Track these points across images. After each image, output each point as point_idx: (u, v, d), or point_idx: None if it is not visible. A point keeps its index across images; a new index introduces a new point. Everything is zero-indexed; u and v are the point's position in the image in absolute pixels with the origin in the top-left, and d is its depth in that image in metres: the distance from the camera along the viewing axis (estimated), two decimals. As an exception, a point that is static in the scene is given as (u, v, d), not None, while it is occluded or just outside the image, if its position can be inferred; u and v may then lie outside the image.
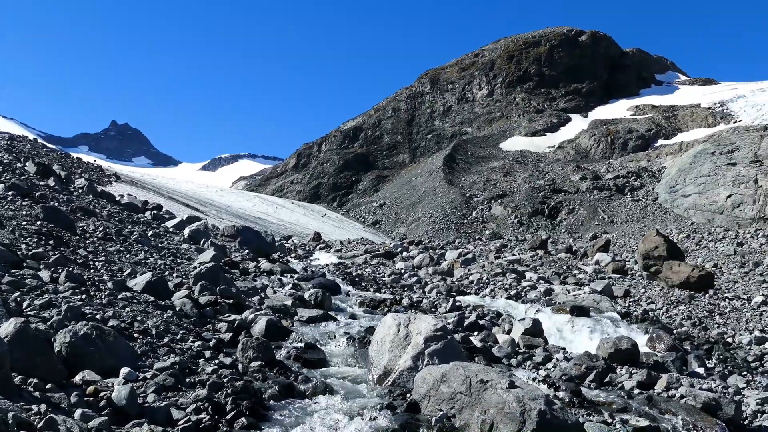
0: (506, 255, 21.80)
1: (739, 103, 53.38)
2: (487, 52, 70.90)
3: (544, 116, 59.94)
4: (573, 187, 42.69)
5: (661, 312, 14.47)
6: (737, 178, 37.73)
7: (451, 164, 49.18)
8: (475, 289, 14.69)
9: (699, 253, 25.79)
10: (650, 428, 5.66)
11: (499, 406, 4.77)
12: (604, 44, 70.08)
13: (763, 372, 9.57)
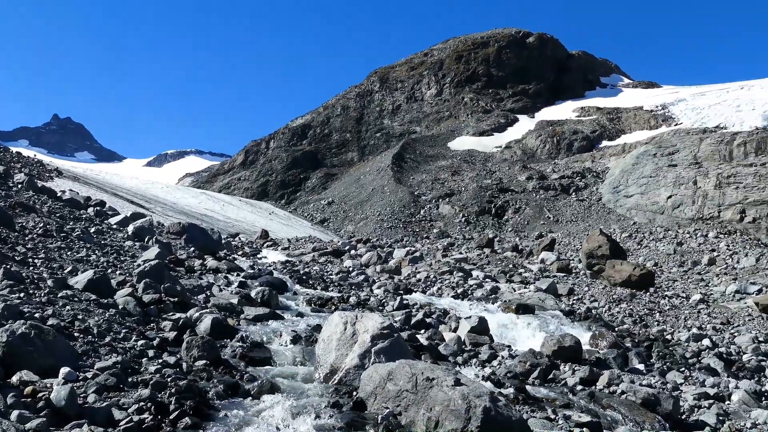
0: (453, 253, 21.96)
1: (679, 106, 54.73)
2: (437, 52, 71.28)
3: (492, 116, 60.54)
4: (519, 187, 43.23)
5: (604, 310, 14.76)
6: (677, 179, 38.72)
7: (400, 163, 49.32)
8: (422, 287, 14.76)
9: (640, 253, 26.39)
10: (592, 423, 5.77)
11: (445, 403, 4.80)
12: (551, 46, 71.11)
13: (700, 368, 9.83)
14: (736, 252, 25.15)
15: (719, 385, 8.68)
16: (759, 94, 51.18)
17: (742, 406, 7.81)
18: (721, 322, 14.73)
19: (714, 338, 12.69)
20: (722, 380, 9.04)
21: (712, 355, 10.74)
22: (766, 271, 21.44)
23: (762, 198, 35.39)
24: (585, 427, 5.69)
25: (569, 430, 5.66)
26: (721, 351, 11.47)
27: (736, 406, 7.82)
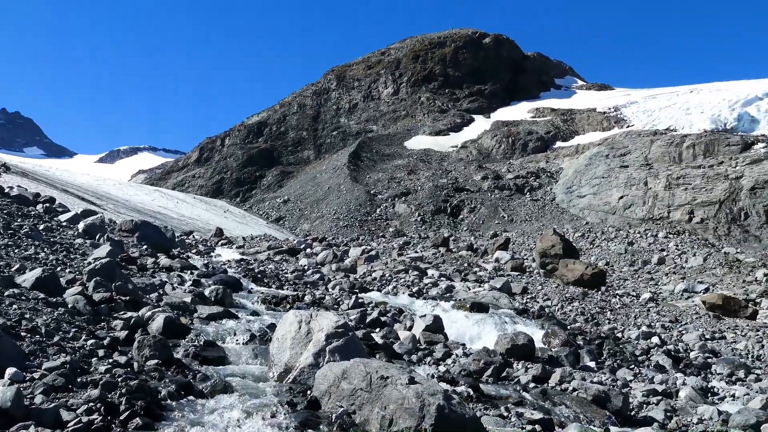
0: (409, 252, 22.04)
1: (631, 108, 55.73)
2: (394, 51, 71.42)
3: (448, 116, 60.89)
4: (475, 186, 43.56)
5: (557, 308, 14.96)
6: (629, 180, 39.42)
7: (356, 161, 49.31)
8: (377, 285, 14.77)
9: (593, 252, 26.82)
10: (543, 420, 5.84)
11: (399, 401, 4.81)
12: (506, 47, 71.79)
13: (649, 365, 10.04)
14: (684, 252, 25.73)
15: (667, 382, 8.88)
16: (707, 97, 52.40)
17: (689, 402, 7.99)
18: (670, 320, 15.06)
19: (663, 336, 12.96)
20: (670, 377, 9.24)
21: (661, 353, 10.97)
22: (713, 270, 21.98)
23: (710, 199, 36.23)
24: (537, 424, 5.76)
25: (522, 428, 5.72)
26: (670, 348, 11.73)
27: (683, 402, 8.00)
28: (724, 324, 15.11)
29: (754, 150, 41.20)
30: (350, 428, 4.89)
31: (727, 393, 8.85)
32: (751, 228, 34.63)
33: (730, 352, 12.54)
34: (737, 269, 22.04)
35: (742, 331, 14.49)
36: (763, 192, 36.15)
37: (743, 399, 8.52)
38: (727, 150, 41.49)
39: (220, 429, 4.72)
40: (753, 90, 50.73)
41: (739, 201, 35.92)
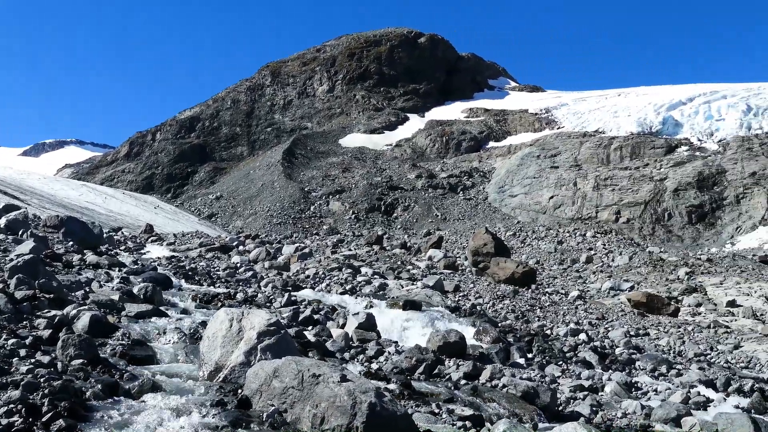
0: (343, 250, 22.00)
1: (562, 110, 57.00)
2: (329, 48, 71.24)
3: (383, 114, 61.09)
4: (409, 185, 43.82)
5: (488, 306, 15.16)
6: (559, 180, 40.29)
7: (290, 158, 49.00)
8: (311, 283, 14.70)
9: (524, 251, 27.28)
10: (474, 417, 5.90)
11: (331, 399, 4.80)
12: (441, 47, 72.44)
13: (576, 361, 10.27)
14: (611, 251, 26.40)
15: (593, 378, 9.09)
16: (634, 101, 53.97)
17: (614, 396, 8.20)
18: (597, 317, 15.44)
19: (590, 333, 13.28)
20: (596, 373, 9.47)
21: (588, 349, 11.23)
22: (638, 269, 22.63)
23: (635, 200, 37.32)
24: (467, 421, 5.82)
25: (452, 424, 5.77)
26: (596, 345, 12.02)
27: (609, 397, 8.21)
28: (648, 321, 15.57)
29: (678, 153, 42.65)
30: (281, 427, 4.85)
31: (649, 388, 9.12)
32: (674, 228, 35.85)
33: (654, 348, 12.94)
34: (661, 268, 22.75)
35: (664, 327, 14.97)
36: (686, 193, 37.44)
37: (665, 393, 8.79)
38: (652, 152, 42.84)
39: (147, 429, 4.62)
40: (677, 95, 52.49)
41: (663, 202, 37.13)
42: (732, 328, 15.34)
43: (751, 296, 18.85)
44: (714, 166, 39.64)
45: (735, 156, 40.60)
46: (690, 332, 14.68)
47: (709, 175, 38.85)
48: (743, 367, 12.09)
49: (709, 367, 11.48)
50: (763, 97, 48.86)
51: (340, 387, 4.86)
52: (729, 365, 12.10)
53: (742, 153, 40.87)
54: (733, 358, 12.65)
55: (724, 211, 36.79)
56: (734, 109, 46.96)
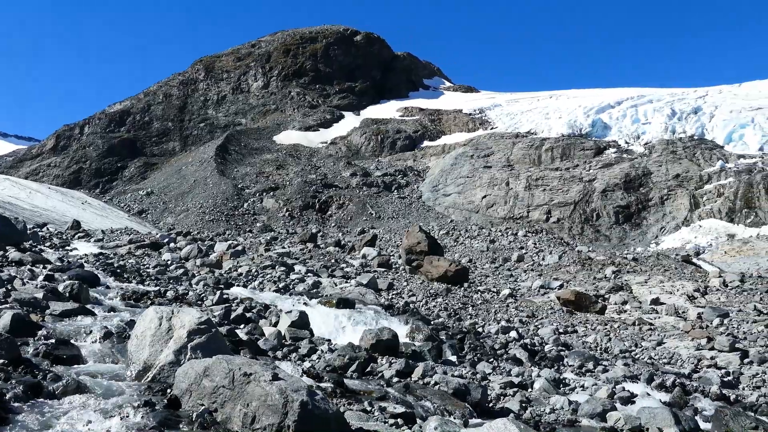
0: (276, 248, 21.84)
1: (495, 111, 57.84)
2: (265, 44, 70.57)
3: (318, 112, 60.88)
4: (344, 183, 43.78)
5: (421, 304, 15.27)
6: (492, 180, 40.87)
7: (224, 155, 48.36)
8: (243, 281, 14.56)
9: (457, 249, 27.56)
10: (406, 414, 5.94)
11: (262, 398, 4.76)
12: (377, 46, 72.58)
13: (507, 358, 10.43)
14: (542, 250, 26.91)
15: (523, 374, 9.25)
16: (565, 103, 55.15)
17: (543, 393, 8.37)
18: (527, 315, 15.71)
19: (520, 330, 13.51)
20: (526, 369, 9.64)
21: (518, 346, 11.42)
22: (568, 268, 23.13)
23: (565, 200, 38.14)
24: (399, 418, 5.85)
25: (384, 421, 5.79)
26: (526, 342, 12.24)
27: (538, 393, 8.37)
28: (576, 318, 15.93)
29: (606, 155, 43.78)
30: (211, 427, 4.78)
31: (577, 384, 9.33)
32: (602, 228, 36.78)
33: (581, 345, 13.25)
34: (589, 267, 23.30)
35: (592, 325, 15.34)
36: (613, 194, 38.45)
37: (591, 389, 9.01)
38: (582, 154, 43.86)
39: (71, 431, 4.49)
40: (606, 98, 53.86)
41: (591, 202, 38.05)
42: (655, 325, 15.82)
43: (674, 294, 19.49)
44: (640, 168, 40.82)
45: (660, 159, 41.90)
46: (616, 329, 15.08)
47: (636, 177, 39.99)
48: (666, 363, 12.49)
49: (634, 363, 11.81)
50: (687, 102, 50.55)
51: (271, 386, 4.82)
52: (652, 361, 12.49)
53: (666, 156, 42.20)
54: (656, 355, 13.05)
55: (650, 212, 37.93)
56: (660, 113, 48.44)
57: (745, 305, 18.31)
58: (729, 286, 21.12)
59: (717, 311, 16.66)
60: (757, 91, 53.94)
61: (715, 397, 9.65)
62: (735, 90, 55.08)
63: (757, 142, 43.20)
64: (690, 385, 10.28)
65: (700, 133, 45.78)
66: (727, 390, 10.34)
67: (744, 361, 12.51)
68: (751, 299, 19.46)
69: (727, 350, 12.98)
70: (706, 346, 13.49)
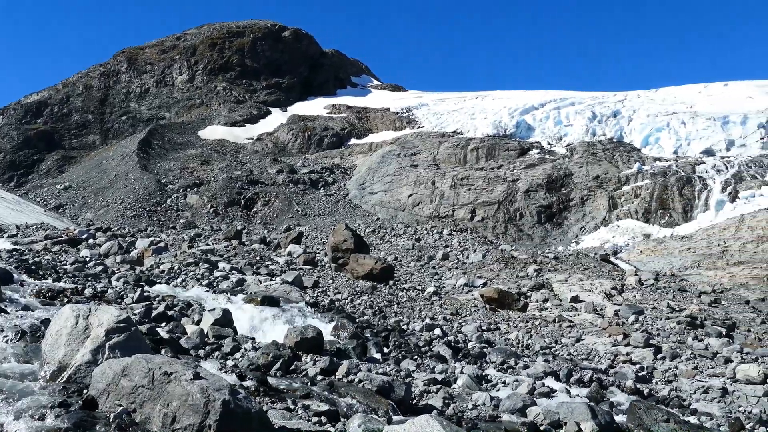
0: (200, 245, 21.49)
1: (422, 110, 58.32)
2: (190, 37, 69.29)
3: (245, 107, 60.15)
4: (270, 180, 43.40)
5: (347, 302, 15.27)
6: (418, 179, 41.20)
7: (146, 149, 47.27)
8: (166, 278, 14.27)
9: (383, 247, 27.68)
10: (329, 412, 5.94)
11: (183, 398, 4.67)
12: (305, 42, 72.20)
13: (431, 356, 10.54)
14: (466, 248, 27.29)
15: (446, 371, 9.37)
16: (491, 104, 56.06)
17: (465, 389, 8.49)
18: (451, 312, 15.90)
19: (444, 328, 13.65)
20: (449, 366, 9.76)
21: (442, 344, 11.55)
22: (491, 266, 23.52)
23: (490, 199, 38.78)
24: (323, 416, 5.85)
25: (308, 419, 5.77)
26: (450, 339, 12.39)
27: (460, 389, 8.48)
28: (499, 316, 16.21)
29: (530, 155, 44.72)
30: (129, 428, 4.67)
31: (499, 380, 9.50)
32: (524, 227, 37.55)
33: (504, 342, 13.49)
34: (512, 265, 23.75)
35: (514, 322, 15.64)
36: (536, 194, 39.30)
37: (513, 385, 9.19)
38: (506, 154, 44.67)
39: (-20, 434, 4.32)
40: (530, 100, 55.00)
41: (515, 202, 38.79)
42: (575, 322, 16.25)
43: (592, 292, 20.05)
44: (562, 169, 41.83)
45: (581, 160, 43.03)
46: (537, 326, 15.41)
47: (558, 178, 40.97)
48: (584, 359, 12.84)
49: (554, 359, 12.10)
50: (607, 105, 52.07)
51: (192, 385, 4.74)
52: (571, 357, 12.82)
53: (587, 157, 43.38)
54: (575, 351, 13.40)
55: (570, 212, 38.92)
56: (581, 116, 49.75)
57: (659, 303, 18.98)
58: (644, 285, 21.87)
59: (633, 309, 17.21)
60: (673, 96, 56.02)
61: (629, 391, 9.97)
62: (652, 95, 57.07)
63: (671, 146, 44.85)
64: (606, 380, 10.60)
65: (619, 136, 47.23)
66: (641, 384, 10.71)
67: (657, 356, 12.97)
68: (665, 297, 20.20)
69: (642, 346, 13.43)
70: (622, 342, 13.93)
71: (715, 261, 27.61)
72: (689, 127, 45.94)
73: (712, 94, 55.82)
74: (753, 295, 23.37)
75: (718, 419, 8.97)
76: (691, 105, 52.15)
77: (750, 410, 9.68)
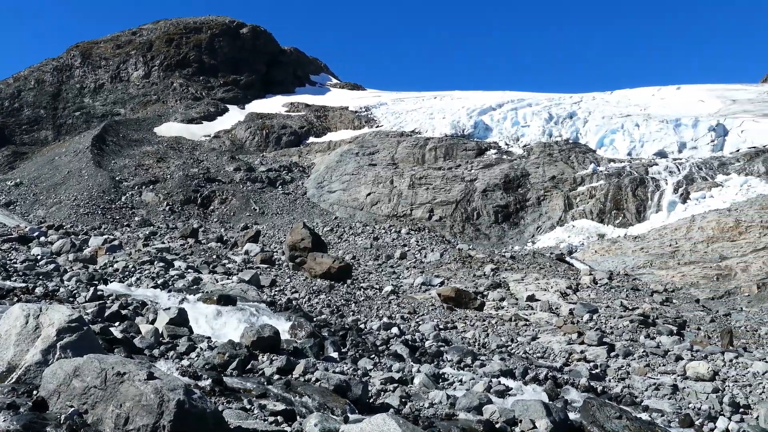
0: (155, 243, 21.22)
1: (381, 109, 58.33)
2: (146, 32, 68.25)
3: (202, 104, 59.46)
4: (227, 178, 43.01)
5: (304, 301, 15.23)
6: (377, 178, 41.24)
7: (101, 145, 46.44)
8: (120, 277, 14.07)
9: (341, 246, 27.65)
10: (286, 411, 5.91)
11: (136, 398, 4.60)
12: (263, 39, 71.65)
13: (388, 354, 10.56)
14: (424, 247, 27.40)
15: (404, 370, 9.39)
16: (449, 104, 56.33)
17: (422, 388, 8.52)
18: (409, 311, 15.96)
19: (402, 326, 13.70)
20: (407, 365, 9.79)
21: (399, 342, 11.59)
22: (449, 265, 23.65)
23: (447, 199, 38.98)
24: (279, 416, 5.82)
25: (264, 419, 5.74)
26: (407, 338, 12.44)
27: (417, 388, 8.52)
28: (456, 315, 16.31)
29: (487, 155, 45.07)
30: (81, 429, 4.58)
31: (455, 378, 9.56)
32: (482, 227, 37.84)
33: (460, 341, 13.58)
34: (469, 264, 23.92)
35: (470, 321, 15.75)
36: (493, 194, 39.63)
37: (469, 383, 9.26)
38: (464, 154, 44.95)
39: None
40: (488, 100, 55.40)
41: (472, 202, 39.06)
42: (531, 321, 16.44)
43: (548, 291, 20.30)
44: (519, 170, 42.23)
45: (537, 161, 43.50)
46: (494, 325, 15.55)
47: (515, 178, 41.36)
48: (539, 357, 12.99)
49: (510, 357, 12.22)
50: (563, 107, 52.71)
51: (146, 385, 4.67)
52: (527, 356, 12.96)
53: (543, 158, 43.86)
54: (531, 349, 13.55)
55: (527, 212, 39.32)
56: (538, 117, 50.27)
57: (612, 302, 19.31)
58: (598, 284, 22.22)
59: (587, 307, 17.48)
60: (627, 99, 56.93)
61: (583, 388, 10.12)
62: (607, 97, 57.93)
63: (626, 147, 45.59)
64: (561, 378, 10.74)
65: (574, 137, 47.85)
66: (595, 382, 10.88)
67: (611, 354, 13.19)
68: (618, 296, 20.55)
69: (596, 344, 13.64)
70: (576, 340, 14.13)
71: (666, 261, 28.17)
72: (643, 129, 46.75)
73: (665, 97, 56.90)
74: (703, 294, 23.93)
75: (669, 415, 9.16)
76: (645, 107, 53.08)
77: (699, 406, 9.91)
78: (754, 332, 16.92)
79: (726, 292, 24.38)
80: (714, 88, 58.53)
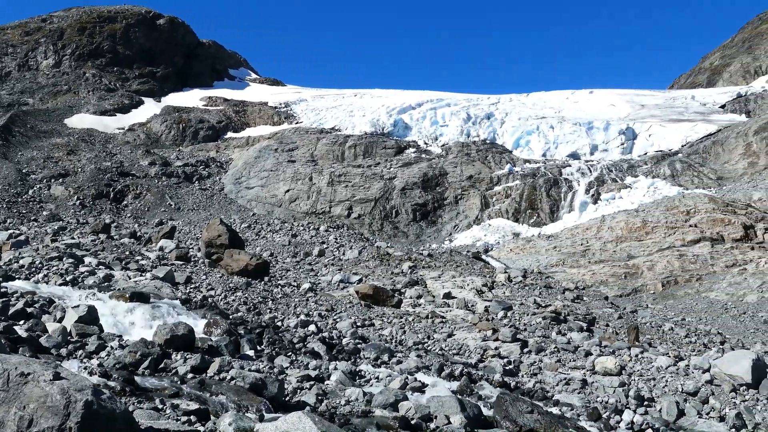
0: (65, 238, 20.51)
1: (301, 105, 58.00)
2: (57, 20, 65.83)
3: (116, 96, 57.77)
4: (141, 172, 41.93)
5: (220, 298, 15.01)
6: (296, 174, 41.00)
7: (7, 136, 44.53)
8: (26, 273, 13.54)
9: (258, 243, 27.37)
10: (199, 411, 5.82)
11: (41, 400, 4.44)
12: (181, 31, 70.18)
13: (305, 352, 10.52)
14: (342, 245, 27.41)
15: (320, 368, 9.37)
16: (369, 102, 56.51)
17: (339, 385, 8.53)
18: (327, 309, 15.93)
19: (319, 324, 13.67)
20: (323, 363, 9.77)
21: (317, 340, 11.56)
22: (367, 263, 23.73)
23: (366, 197, 39.10)
24: (193, 415, 5.73)
25: (177, 419, 5.63)
26: (325, 336, 12.42)
27: (334, 385, 8.52)
28: (374, 312, 16.38)
29: (406, 154, 45.42)
30: (-20, 433, 4.40)
31: (372, 375, 9.61)
32: (400, 224, 38.11)
33: (378, 338, 13.65)
34: (387, 262, 24.05)
35: (388, 318, 15.85)
36: (412, 192, 39.98)
37: (386, 380, 9.32)
38: (383, 152, 45.17)
39: None
40: (408, 99, 55.82)
41: (391, 200, 39.30)
42: (447, 318, 16.65)
43: (464, 289, 20.62)
44: (437, 169, 42.73)
45: (455, 160, 44.11)
46: (411, 322, 15.69)
47: (433, 177, 41.82)
48: (455, 354, 13.19)
49: (426, 354, 12.36)
50: (481, 108, 53.61)
51: (52, 386, 4.51)
52: (443, 352, 13.13)
53: (461, 158, 44.51)
54: (447, 346, 13.74)
55: (445, 211, 39.81)
56: (456, 117, 50.97)
57: (526, 299, 19.76)
58: (513, 282, 22.71)
59: (502, 305, 17.83)
60: (543, 101, 58.38)
61: (497, 384, 10.33)
62: (523, 99, 59.25)
63: (541, 149, 46.74)
64: (476, 374, 10.94)
65: (492, 137, 48.73)
66: (509, 377, 11.12)
67: (524, 350, 13.51)
68: (532, 293, 21.06)
69: (510, 341, 13.94)
70: (491, 337, 14.40)
71: (578, 259, 29.03)
72: (557, 131, 48.02)
73: (579, 101, 58.62)
74: (612, 292, 24.78)
75: (578, 409, 9.45)
76: (559, 110, 54.55)
77: (607, 400, 10.26)
78: (658, 328, 17.62)
79: (633, 290, 25.30)
80: (624, 93, 60.64)
